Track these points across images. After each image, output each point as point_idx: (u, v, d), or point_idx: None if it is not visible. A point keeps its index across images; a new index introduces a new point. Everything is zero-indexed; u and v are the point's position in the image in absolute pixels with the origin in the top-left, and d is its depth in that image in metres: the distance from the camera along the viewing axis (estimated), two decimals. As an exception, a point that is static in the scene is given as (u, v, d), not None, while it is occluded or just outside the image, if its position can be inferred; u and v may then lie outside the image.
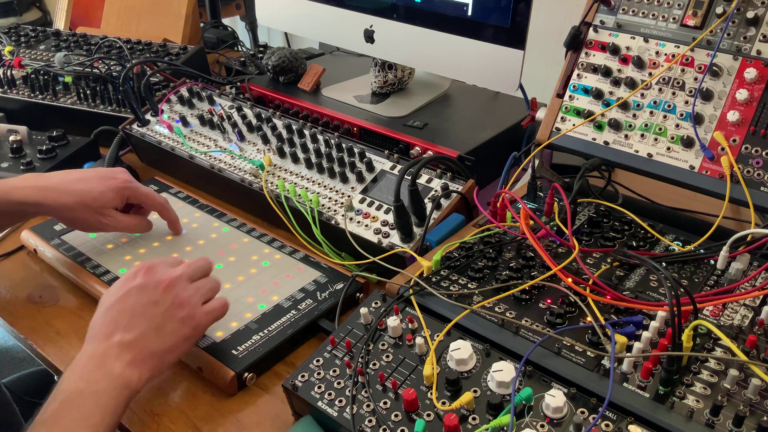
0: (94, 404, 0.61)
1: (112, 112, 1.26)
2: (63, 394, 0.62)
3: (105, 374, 0.63)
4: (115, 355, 0.65)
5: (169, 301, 0.70)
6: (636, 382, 0.61)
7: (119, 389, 0.63)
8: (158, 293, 0.70)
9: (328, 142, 1.03)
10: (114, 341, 0.66)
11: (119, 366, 0.64)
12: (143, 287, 0.70)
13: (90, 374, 0.63)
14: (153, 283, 0.70)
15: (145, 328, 0.67)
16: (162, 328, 0.68)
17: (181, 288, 0.71)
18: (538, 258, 0.78)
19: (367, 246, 0.87)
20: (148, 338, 0.67)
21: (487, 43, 1.02)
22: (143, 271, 0.72)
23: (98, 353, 0.65)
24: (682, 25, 0.86)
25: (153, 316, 0.68)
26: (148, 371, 0.66)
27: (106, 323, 0.68)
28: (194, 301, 0.72)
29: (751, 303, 0.71)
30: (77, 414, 0.60)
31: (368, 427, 0.61)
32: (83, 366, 0.64)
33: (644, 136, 0.87)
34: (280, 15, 1.33)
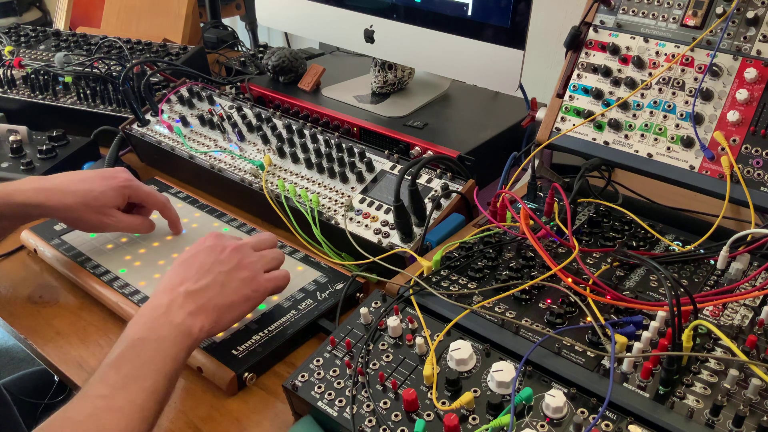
0: (156, 350, 0.65)
1: (112, 112, 1.26)
2: (127, 340, 0.66)
3: (167, 322, 0.67)
4: (179, 304, 0.69)
5: (234, 262, 0.75)
6: (636, 382, 0.61)
7: (181, 337, 0.67)
8: (225, 254, 0.75)
9: (328, 142, 1.03)
10: (180, 291, 0.70)
11: (181, 314, 0.68)
12: (212, 248, 0.76)
13: (153, 322, 0.67)
14: (221, 246, 0.76)
15: (209, 282, 0.72)
16: (225, 285, 0.73)
17: (245, 253, 0.77)
18: (538, 258, 0.78)
19: (367, 246, 0.87)
20: (212, 292, 0.71)
21: (487, 43, 1.02)
22: (213, 236, 0.78)
23: (163, 303, 0.69)
24: (682, 25, 0.86)
25: (218, 273, 0.73)
26: (209, 323, 0.70)
27: (174, 278, 0.73)
28: (257, 267, 0.77)
29: (751, 303, 0.71)
30: (141, 359, 0.64)
31: (368, 427, 0.61)
32: (147, 315, 0.68)
33: (644, 136, 0.87)
34: (280, 15, 1.33)
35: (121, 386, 0.61)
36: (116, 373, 0.62)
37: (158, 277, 0.88)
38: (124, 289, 0.86)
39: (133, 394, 0.61)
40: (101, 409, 0.60)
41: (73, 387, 0.79)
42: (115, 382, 0.62)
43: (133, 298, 0.84)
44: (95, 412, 0.60)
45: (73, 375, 0.78)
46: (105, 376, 0.62)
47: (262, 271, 0.77)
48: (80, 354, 0.81)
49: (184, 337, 0.67)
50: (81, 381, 0.77)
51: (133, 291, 0.86)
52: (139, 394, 0.62)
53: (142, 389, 0.62)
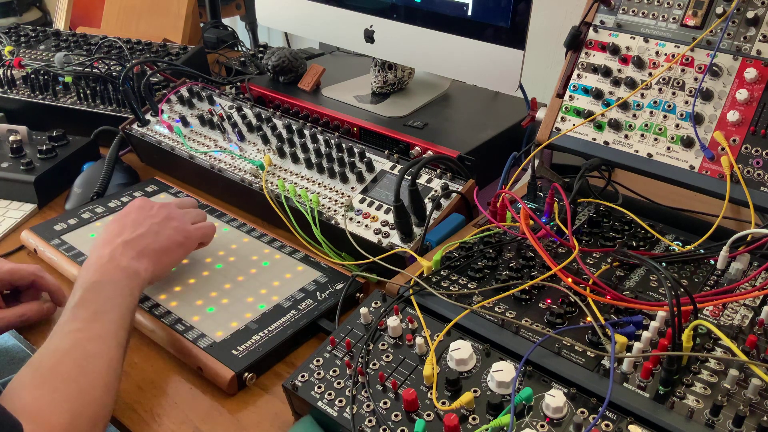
0: (113, 289, 0.73)
1: (112, 112, 1.26)
2: (84, 285, 0.73)
3: (115, 267, 0.76)
4: (120, 252, 0.77)
5: (163, 215, 0.85)
6: (636, 382, 0.61)
7: (130, 277, 0.76)
8: (154, 210, 0.85)
9: (328, 142, 1.03)
10: (118, 242, 0.79)
11: (125, 260, 0.77)
12: (141, 207, 0.85)
13: (103, 268, 0.75)
14: (149, 204, 0.87)
15: (143, 231, 0.81)
16: (159, 234, 0.82)
17: (171, 209, 0.87)
18: (538, 258, 0.78)
19: (367, 246, 0.87)
20: (147, 239, 0.80)
21: (487, 43, 1.02)
22: (139, 199, 0.88)
23: (105, 254, 0.77)
24: (682, 25, 0.86)
25: (150, 225, 0.82)
26: (151, 265, 0.79)
27: (110, 232, 0.81)
28: (185, 219, 0.87)
29: (751, 303, 0.71)
30: (102, 297, 0.72)
31: (368, 427, 0.61)
32: (95, 263, 0.76)
33: (644, 136, 0.87)
34: (280, 15, 1.33)
35: (92, 320, 0.70)
36: (84, 310, 0.70)
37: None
38: (124, 289, 0.86)
39: (105, 324, 0.70)
40: (82, 339, 0.68)
41: None
42: (86, 317, 0.70)
43: (133, 298, 0.84)
44: (77, 342, 0.67)
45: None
46: (74, 315, 0.70)
47: (190, 222, 0.87)
48: (80, 354, 0.81)
49: (134, 277, 0.76)
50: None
51: (133, 291, 0.86)
52: (110, 325, 0.70)
53: (111, 320, 0.70)
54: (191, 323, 0.80)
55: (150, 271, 0.79)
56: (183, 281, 0.88)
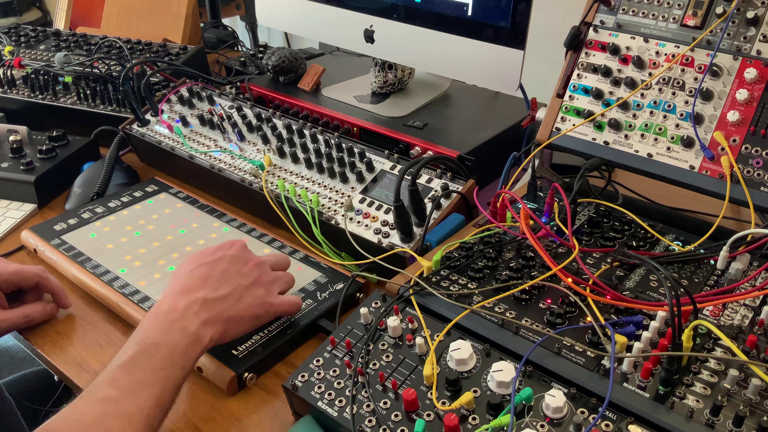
0: (168, 356, 0.65)
1: (112, 112, 1.26)
2: (141, 343, 0.66)
3: (181, 328, 0.68)
4: (194, 311, 0.69)
5: (254, 277, 0.75)
6: (636, 382, 0.61)
7: (192, 345, 0.67)
8: (247, 268, 0.76)
9: (328, 142, 1.03)
10: (199, 296, 0.70)
11: (195, 323, 0.68)
12: (236, 258, 0.76)
13: (168, 326, 0.68)
14: (244, 257, 0.77)
15: (227, 293, 0.72)
16: (241, 300, 0.73)
17: (264, 270, 0.77)
18: (538, 258, 0.78)
19: (367, 246, 0.87)
20: (227, 303, 0.72)
21: (487, 43, 1.02)
22: (238, 245, 0.78)
23: (180, 306, 0.69)
24: (682, 25, 0.86)
25: (237, 285, 0.73)
26: (218, 333, 0.70)
27: (195, 279, 0.72)
28: (273, 288, 0.77)
29: (751, 303, 0.71)
30: (152, 364, 0.64)
31: (368, 427, 0.61)
32: (162, 317, 0.68)
33: (644, 136, 0.87)
34: (280, 15, 1.33)
35: (130, 391, 0.62)
36: (127, 376, 0.63)
37: (158, 277, 0.88)
38: (124, 289, 0.86)
39: (141, 400, 0.62)
40: (110, 414, 0.60)
41: (72, 387, 0.79)
42: (125, 385, 0.62)
43: (133, 298, 0.84)
44: (103, 416, 0.60)
45: (73, 375, 0.78)
46: (115, 378, 0.63)
47: (276, 292, 0.77)
48: (80, 354, 0.81)
49: (195, 345, 0.68)
50: (81, 381, 0.77)
51: (133, 291, 0.86)
52: (147, 401, 0.62)
53: (151, 395, 0.63)
54: (191, 323, 0.80)
55: (215, 339, 0.70)
56: (183, 281, 0.88)
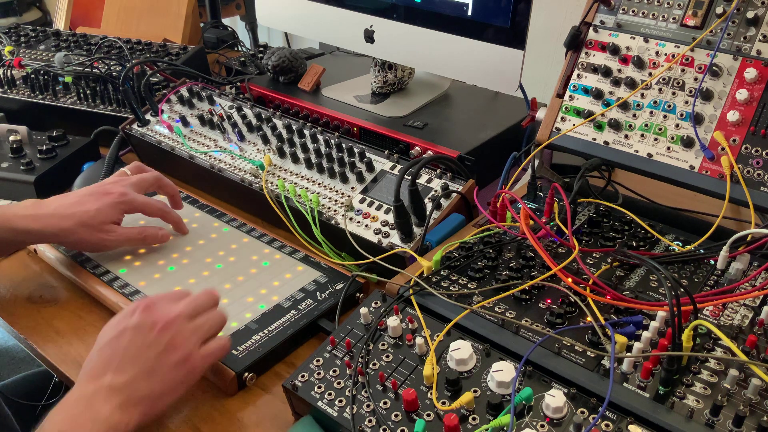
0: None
1: (112, 112, 1.26)
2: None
3: (92, 418, 0.61)
4: (103, 397, 0.62)
5: (163, 343, 0.66)
6: (636, 382, 0.61)
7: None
8: (153, 334, 0.66)
9: (328, 142, 1.03)
10: (104, 383, 0.63)
11: (107, 409, 0.61)
12: (138, 327, 0.67)
13: (77, 416, 0.61)
14: (149, 323, 0.67)
15: (136, 372, 0.64)
16: (155, 373, 0.65)
17: (177, 329, 0.68)
18: (538, 258, 0.78)
19: (367, 246, 0.87)
20: (140, 382, 0.64)
21: (487, 43, 1.02)
22: (141, 309, 0.68)
23: (87, 394, 0.62)
24: (682, 25, 0.86)
25: (146, 359, 0.65)
26: (138, 416, 0.63)
27: (98, 364, 0.65)
28: (191, 343, 0.68)
29: (751, 303, 0.71)
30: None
31: (368, 427, 0.61)
32: (71, 407, 0.62)
33: (644, 136, 0.87)
34: (280, 15, 1.33)
35: None
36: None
37: (158, 277, 0.88)
38: (124, 289, 0.86)
39: None
40: None
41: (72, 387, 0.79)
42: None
43: (133, 298, 0.84)
44: None
45: (73, 375, 0.78)
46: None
47: (198, 345, 0.68)
48: (80, 354, 0.81)
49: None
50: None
51: (133, 291, 0.86)
52: None
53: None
54: (191, 323, 0.80)
55: (133, 425, 0.62)
56: (183, 281, 0.88)
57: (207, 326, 0.71)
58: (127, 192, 0.91)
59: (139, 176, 0.95)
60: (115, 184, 0.92)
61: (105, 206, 0.88)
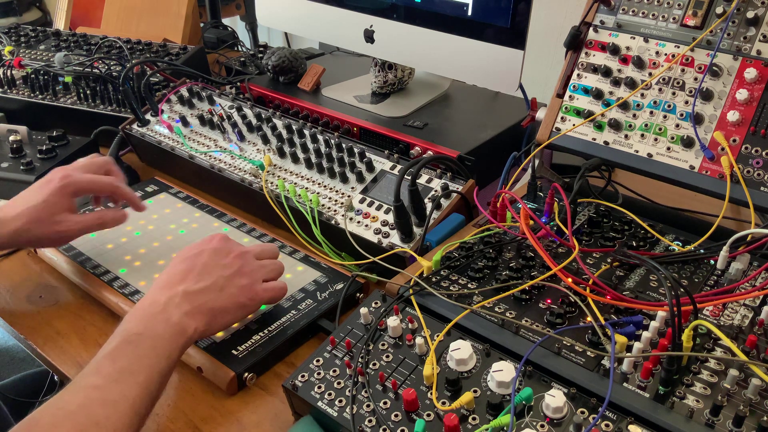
0: (152, 346, 0.66)
1: (112, 112, 1.26)
2: (124, 333, 0.67)
3: (164, 320, 0.69)
4: (176, 303, 0.70)
5: (235, 267, 0.76)
6: (636, 382, 0.61)
7: (175, 336, 0.68)
8: (228, 259, 0.76)
9: (328, 142, 1.03)
10: (179, 289, 0.71)
11: (177, 314, 0.69)
12: (217, 251, 0.77)
13: (150, 318, 0.69)
14: (226, 249, 0.77)
15: (209, 284, 0.73)
16: (223, 290, 0.74)
17: (247, 260, 0.78)
18: (538, 258, 0.78)
19: (367, 246, 0.87)
20: (209, 294, 0.73)
21: (487, 43, 1.02)
22: (219, 237, 0.79)
23: (161, 300, 0.70)
24: (682, 25, 0.86)
25: (219, 276, 0.74)
26: (203, 325, 0.71)
27: (175, 275, 0.74)
28: (257, 276, 0.77)
29: (751, 303, 0.71)
30: (136, 353, 0.65)
31: (368, 427, 0.61)
32: (145, 310, 0.70)
33: (644, 136, 0.87)
34: (280, 15, 1.33)
35: (115, 379, 0.62)
36: (111, 364, 0.63)
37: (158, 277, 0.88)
38: (124, 289, 0.86)
39: (126, 387, 0.62)
40: (94, 400, 0.60)
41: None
42: (110, 374, 0.62)
43: (133, 298, 0.84)
44: (88, 403, 0.60)
45: (73, 375, 0.78)
46: (100, 366, 0.63)
47: (261, 280, 0.78)
48: (80, 354, 0.81)
49: (179, 336, 0.68)
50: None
51: (133, 291, 0.86)
52: (132, 388, 0.62)
53: (136, 383, 0.63)
54: (191, 323, 0.80)
55: (200, 331, 0.71)
56: (183, 281, 0.88)
57: (270, 267, 0.80)
58: (69, 174, 0.87)
59: (87, 159, 0.91)
60: (58, 170, 0.88)
61: (49, 196, 0.85)
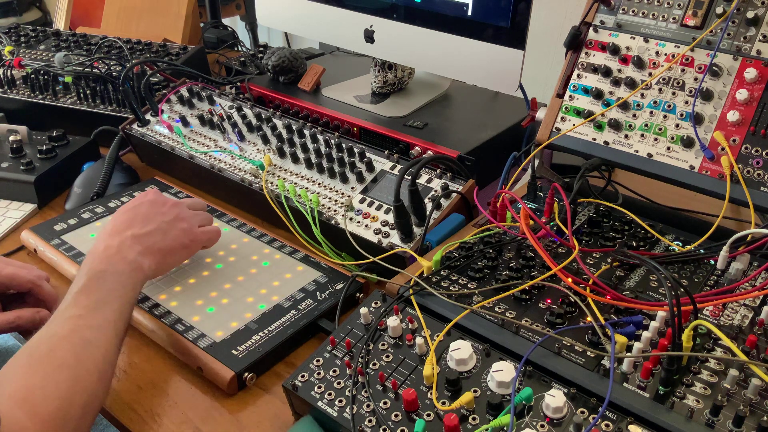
0: (117, 281, 0.75)
1: (112, 112, 1.26)
2: (90, 273, 0.74)
3: (121, 258, 0.77)
4: (128, 245, 0.79)
5: (173, 214, 0.86)
6: (636, 382, 0.61)
7: (135, 271, 0.77)
8: (165, 207, 0.86)
9: (328, 142, 1.03)
10: (128, 234, 0.80)
11: (132, 254, 0.78)
12: (154, 202, 0.86)
13: (109, 258, 0.77)
14: (161, 200, 0.88)
15: (153, 228, 0.82)
16: (167, 233, 0.84)
17: (182, 209, 0.88)
18: (538, 258, 0.78)
19: (367, 246, 0.87)
20: (155, 236, 0.82)
21: (487, 43, 1.02)
22: (152, 191, 0.89)
23: (114, 244, 0.78)
24: (682, 25, 0.86)
25: (160, 222, 0.84)
26: (155, 263, 0.81)
27: (120, 224, 0.82)
28: (193, 221, 0.88)
29: (751, 303, 0.71)
30: (106, 287, 0.74)
31: (368, 427, 0.61)
32: (102, 253, 0.77)
33: (644, 136, 0.87)
34: (280, 15, 1.33)
35: (93, 308, 0.71)
36: (86, 297, 0.71)
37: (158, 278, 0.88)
38: (124, 289, 0.86)
39: (105, 313, 0.71)
40: (81, 326, 0.68)
41: None
42: (87, 305, 0.71)
43: (133, 298, 0.84)
44: (76, 328, 0.68)
45: (73, 375, 0.78)
46: (77, 300, 0.71)
47: (197, 225, 0.88)
48: (80, 354, 0.81)
49: (137, 271, 0.77)
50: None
51: (133, 291, 0.86)
52: (109, 314, 0.71)
53: (112, 310, 0.72)
54: (191, 323, 0.80)
55: (153, 269, 0.80)
56: (183, 281, 0.88)
57: (202, 216, 0.92)
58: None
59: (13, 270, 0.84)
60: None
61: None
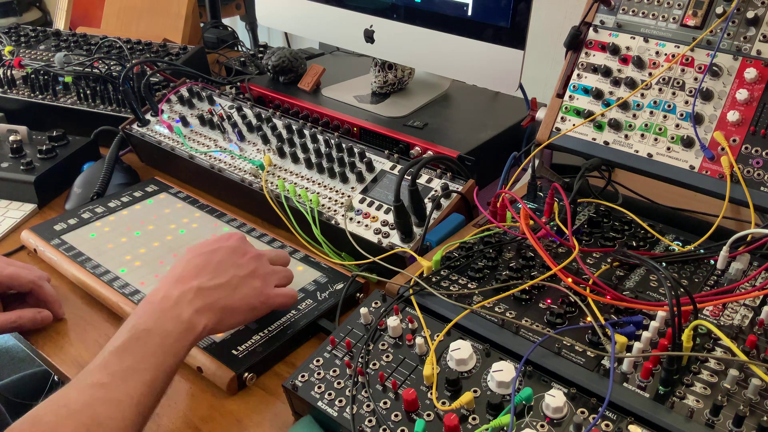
0: (160, 343, 0.65)
1: (112, 112, 1.26)
2: (133, 330, 0.66)
3: (174, 316, 0.68)
4: (188, 299, 0.69)
5: (250, 268, 0.76)
6: (636, 382, 0.61)
7: (185, 333, 0.67)
8: (244, 259, 0.76)
9: (328, 142, 1.03)
10: (194, 285, 0.71)
11: (189, 311, 0.68)
12: (234, 249, 0.77)
13: (161, 314, 0.68)
14: (242, 249, 0.77)
15: (223, 282, 0.73)
16: (237, 289, 0.73)
17: (262, 263, 0.78)
18: (538, 258, 0.78)
19: (367, 246, 0.87)
20: (223, 292, 0.72)
21: (487, 43, 1.02)
22: (236, 237, 0.79)
23: (174, 295, 0.69)
24: (682, 25, 0.86)
25: (233, 276, 0.74)
26: (213, 323, 0.70)
27: (189, 270, 0.73)
28: (270, 280, 0.78)
29: (751, 303, 0.71)
30: (144, 351, 0.64)
31: (368, 427, 0.61)
32: (156, 305, 0.69)
33: (644, 136, 0.87)
34: (280, 15, 1.33)
35: (121, 377, 0.62)
36: (118, 362, 0.63)
37: (158, 277, 0.88)
38: (124, 289, 0.86)
39: (131, 386, 0.62)
40: (99, 399, 0.60)
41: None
42: (116, 371, 0.62)
43: (133, 298, 0.84)
44: (92, 402, 0.60)
45: (73, 375, 0.78)
46: (107, 363, 0.63)
47: (273, 285, 0.78)
48: (80, 354, 0.81)
49: (188, 332, 0.68)
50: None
51: (133, 291, 0.86)
52: (137, 387, 0.62)
53: (142, 382, 0.62)
54: (191, 323, 0.80)
55: (209, 328, 0.70)
56: (183, 281, 0.87)
57: (282, 274, 0.81)
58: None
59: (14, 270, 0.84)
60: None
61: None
